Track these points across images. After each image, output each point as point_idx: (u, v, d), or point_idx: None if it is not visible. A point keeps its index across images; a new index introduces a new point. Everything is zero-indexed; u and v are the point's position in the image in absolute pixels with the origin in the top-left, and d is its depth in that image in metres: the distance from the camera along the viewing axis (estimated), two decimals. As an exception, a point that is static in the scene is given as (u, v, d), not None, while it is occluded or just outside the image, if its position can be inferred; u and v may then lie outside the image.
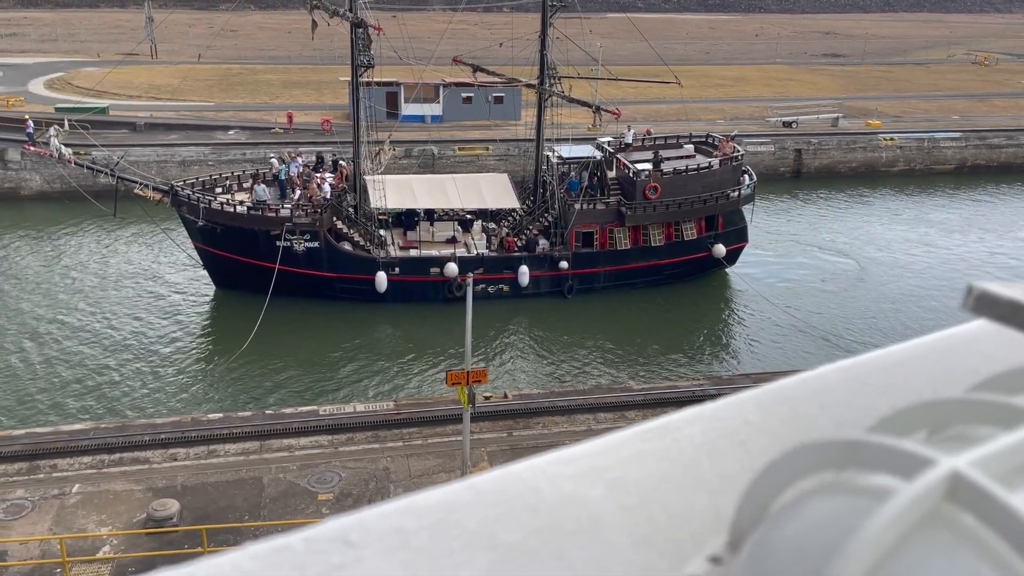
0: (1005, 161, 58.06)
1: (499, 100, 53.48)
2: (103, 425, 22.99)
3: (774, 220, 47.39)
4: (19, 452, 21.18)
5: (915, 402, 0.63)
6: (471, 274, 22.11)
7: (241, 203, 32.51)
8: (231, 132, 54.12)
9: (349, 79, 51.06)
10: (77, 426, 22.95)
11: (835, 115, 61.13)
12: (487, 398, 23.99)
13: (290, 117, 54.36)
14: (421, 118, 56.22)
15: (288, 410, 24.14)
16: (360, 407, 24.22)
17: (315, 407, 24.42)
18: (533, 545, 0.78)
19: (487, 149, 49.97)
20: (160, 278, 36.61)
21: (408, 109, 56.25)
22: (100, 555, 17.73)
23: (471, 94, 55.30)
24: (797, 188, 53.78)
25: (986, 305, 0.78)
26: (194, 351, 30.76)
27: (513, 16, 48.22)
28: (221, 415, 23.52)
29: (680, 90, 39.92)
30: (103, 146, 47.68)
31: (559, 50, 35.82)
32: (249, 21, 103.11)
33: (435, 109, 56.97)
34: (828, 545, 0.51)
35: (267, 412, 23.87)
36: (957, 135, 58.61)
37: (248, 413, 23.85)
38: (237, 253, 32.79)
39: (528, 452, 0.94)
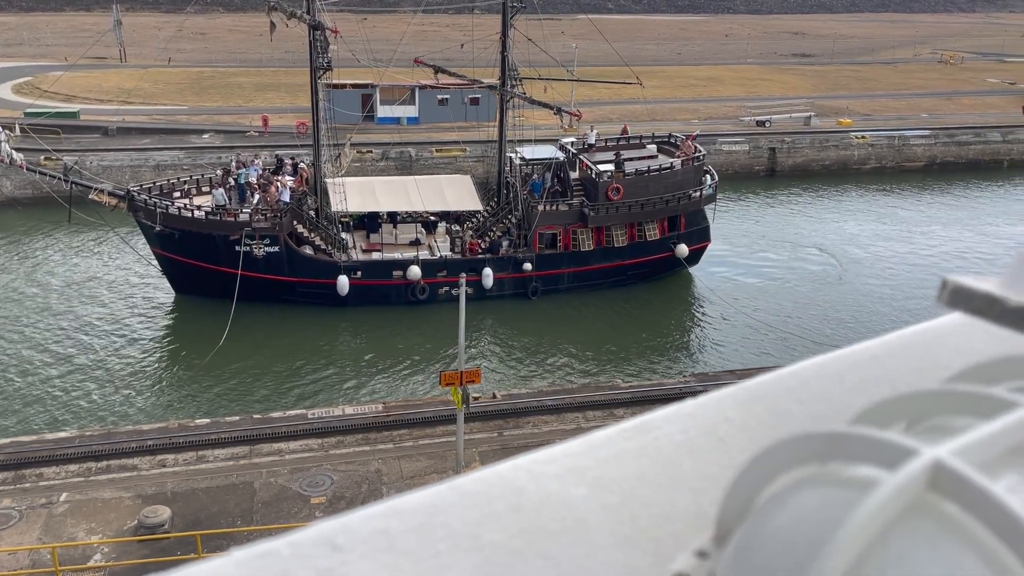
0: (973, 158, 59.04)
1: (475, 101, 53.43)
2: (88, 433, 22.75)
3: (748, 218, 47.86)
4: (3, 461, 20.86)
5: (894, 394, 0.63)
6: (463, 274, 22.11)
7: (199, 208, 32.15)
8: (205, 136, 53.62)
9: (324, 83, 51.07)
10: (62, 434, 22.70)
11: (807, 114, 61.82)
12: (475, 399, 23.99)
13: (265, 120, 53.97)
14: (396, 120, 56.12)
15: (276, 414, 24.01)
16: (349, 410, 24.17)
17: (303, 410, 24.32)
18: (518, 545, 0.79)
19: (464, 150, 49.96)
20: (118, 284, 36.15)
21: (384, 111, 56.18)
22: (92, 564, 17.53)
23: (447, 96, 55.27)
24: (772, 186, 54.33)
25: (961, 299, 0.79)
26: (158, 358, 30.40)
27: (483, 18, 48.30)
28: (208, 421, 23.34)
29: (655, 91, 40.16)
30: (70, 151, 47.09)
31: (527, 52, 35.90)
32: (218, 24, 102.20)
33: (411, 111, 56.90)
34: (814, 537, 0.52)
35: (255, 416, 23.72)
36: (926, 133, 59.53)
37: (236, 418, 23.67)
38: (196, 258, 32.45)
39: (519, 451, 0.95)
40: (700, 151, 37.59)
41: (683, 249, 36.27)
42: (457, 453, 20.47)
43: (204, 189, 34.29)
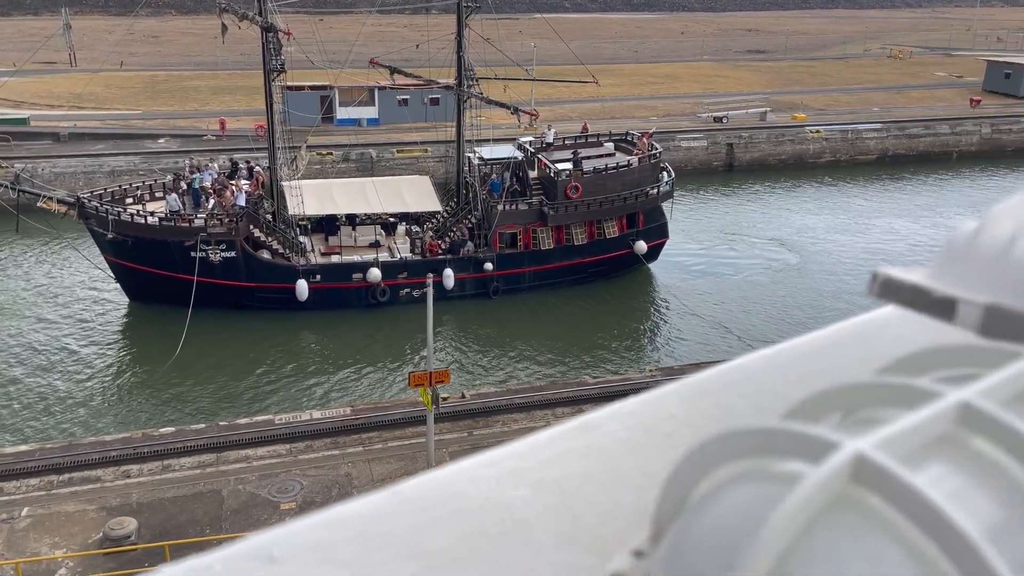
0: (924, 150, 60.34)
1: (435, 102, 53.35)
2: (49, 445, 22.28)
3: (707, 214, 48.42)
4: (-39, 477, 20.36)
5: (825, 388, 0.63)
6: (431, 275, 22.09)
7: (152, 214, 31.68)
8: (161, 140, 52.81)
9: (280, 85, 50.63)
10: (21, 447, 22.20)
11: (763, 109, 62.68)
12: (444, 399, 23.99)
13: (222, 123, 53.31)
14: (356, 121, 55.81)
15: (243, 420, 23.76)
16: (317, 414, 24.03)
17: (270, 416, 24.10)
18: (460, 551, 0.78)
19: (426, 151, 49.87)
20: (71, 294, 35.42)
21: (343, 113, 55.83)
22: (57, 577, 17.19)
23: (407, 96, 55.11)
24: (730, 181, 55.02)
25: (891, 291, 0.80)
26: (117, 368, 29.84)
27: (440, 18, 48.26)
28: (173, 429, 23.02)
29: (613, 89, 40.51)
30: (21, 158, 46.04)
31: (484, 52, 35.97)
32: (171, 26, 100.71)
33: (370, 112, 56.62)
34: (741, 533, 0.52)
35: (221, 423, 23.45)
36: (878, 126, 60.70)
37: (201, 425, 23.38)
38: (150, 265, 31.95)
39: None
40: (656, 148, 37.91)
41: (642, 246, 36.53)
42: (428, 454, 20.48)
43: (157, 195, 33.76)
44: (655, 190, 36.67)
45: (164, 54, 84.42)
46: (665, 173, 37.60)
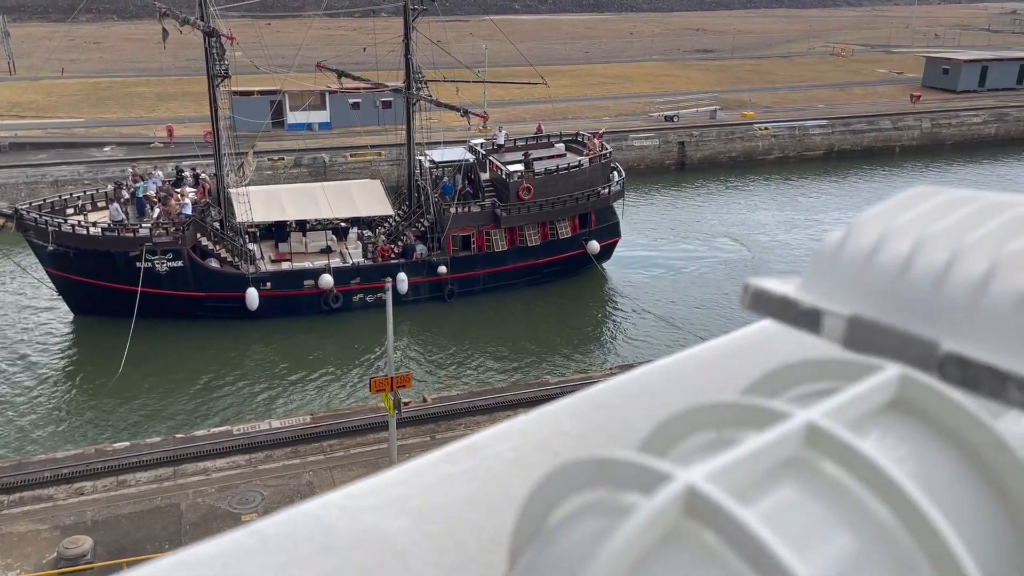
0: (868, 145, 61.72)
1: (388, 105, 53.10)
2: (-3, 464, 21.64)
3: (660, 212, 48.94)
4: (-93, 500, 19.71)
5: (680, 410, 0.61)
6: (389, 279, 21.99)
7: (95, 224, 30.97)
8: (106, 149, 51.68)
9: (228, 90, 49.95)
10: (-31, 468, 21.52)
11: (713, 108, 63.55)
12: (406, 404, 23.88)
13: (170, 130, 52.37)
14: (308, 126, 55.31)
15: (200, 432, 23.39)
16: (276, 423, 23.77)
17: (228, 427, 23.76)
18: None
19: (380, 154, 49.56)
20: (10, 308, 34.41)
21: (294, 117, 55.28)
22: (10, 600, 16.74)
23: (359, 100, 54.75)
24: (682, 180, 55.66)
25: (761, 303, 0.79)
26: (64, 383, 29.07)
27: (390, 21, 48.06)
28: (128, 444, 22.57)
29: (565, 89, 40.76)
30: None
31: (434, 54, 35.89)
32: (113, 32, 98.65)
33: (322, 116, 56.13)
34: (575, 568, 0.50)
35: (177, 436, 23.05)
36: (824, 123, 61.93)
37: (157, 439, 22.95)
38: (94, 277, 31.18)
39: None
40: (607, 148, 38.16)
41: (595, 246, 36.75)
42: (391, 460, 20.38)
43: (100, 204, 32.95)
44: (606, 190, 36.92)
45: (106, 60, 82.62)
46: (616, 173, 37.89)
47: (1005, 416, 0.65)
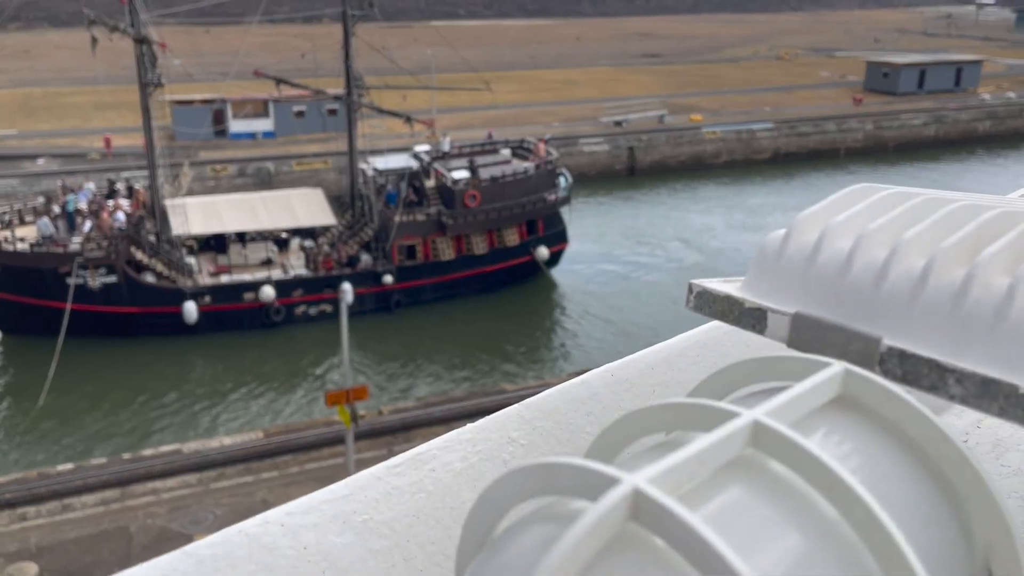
0: (814, 147, 62.65)
1: (333, 112, 52.25)
2: (-66, 492, 20.45)
3: (611, 217, 48.90)
4: None
5: (630, 411, 0.60)
6: (343, 288, 21.34)
7: (22, 240, 29.78)
8: (40, 161, 49.87)
9: (169, 99, 48.64)
10: (-102, 497, 20.28)
11: (661, 112, 63.87)
12: (362, 416, 23.20)
13: (107, 141, 50.74)
14: (252, 135, 54.10)
15: (147, 452, 22.47)
16: (227, 440, 22.99)
17: (177, 445, 22.84)
18: None
19: (326, 163, 48.60)
20: None
21: (237, 126, 54.01)
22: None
23: (303, 108, 53.77)
24: (632, 185, 55.77)
25: (705, 303, 0.79)
26: None
27: (333, 27, 47.29)
28: (72, 466, 21.60)
29: (513, 95, 40.57)
30: None
31: (377, 60, 35.33)
32: (44, 41, 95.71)
33: (266, 124, 54.93)
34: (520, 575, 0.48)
35: (124, 456, 22.07)
36: (770, 126, 62.71)
37: (103, 460, 21.98)
38: (22, 294, 29.98)
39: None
40: (552, 154, 37.91)
41: (543, 252, 36.43)
42: (349, 474, 19.64)
43: (28, 219, 31.67)
44: (553, 196, 36.64)
45: (38, 69, 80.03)
46: (563, 178, 37.64)
47: (947, 411, 0.66)
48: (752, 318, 0.73)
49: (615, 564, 0.46)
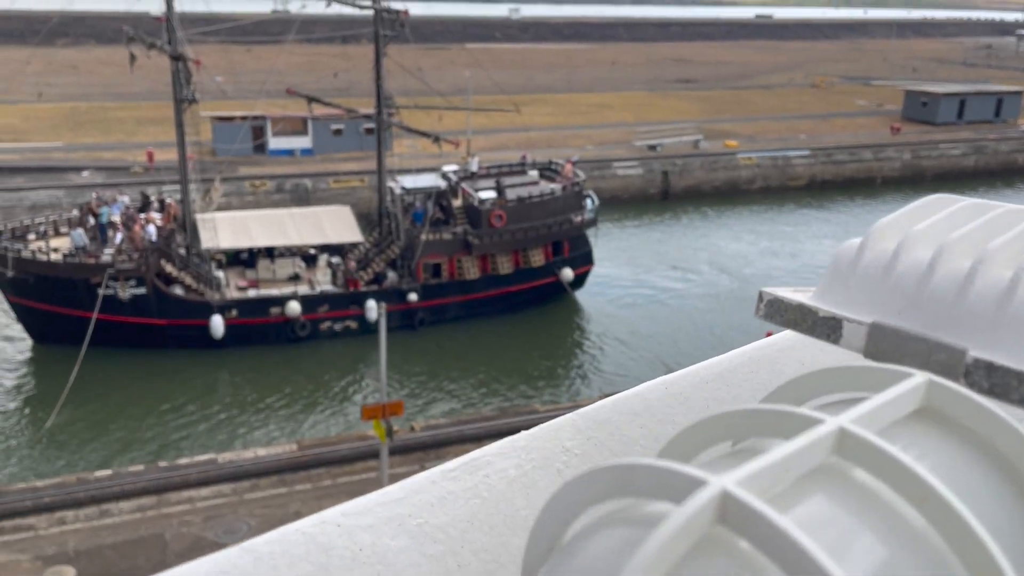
0: (850, 175, 62.22)
1: (370, 131, 52.92)
2: (-25, 494, 20.86)
3: (644, 241, 48.85)
4: None
5: (705, 417, 0.59)
6: (383, 304, 21.55)
7: (56, 251, 30.37)
8: (84, 173, 50.94)
9: (210, 115, 49.57)
10: (-56, 497, 20.71)
11: (696, 137, 63.86)
12: (395, 432, 23.34)
13: (150, 155, 51.73)
14: (290, 152, 54.86)
15: (183, 460, 22.74)
16: (262, 452, 23.20)
17: (213, 455, 23.11)
18: None
19: (363, 181, 49.15)
20: None
21: (276, 143, 54.83)
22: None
23: (341, 126, 54.46)
24: (666, 209, 55.72)
25: (776, 312, 0.78)
26: (27, 413, 28.23)
27: (371, 48, 48.03)
28: (110, 472, 21.92)
29: (548, 118, 40.79)
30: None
31: (411, 81, 35.77)
32: (91, 56, 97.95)
33: (304, 142, 55.68)
34: None
35: (161, 464, 22.36)
36: (806, 153, 62.40)
37: (140, 467, 22.28)
38: (55, 304, 30.49)
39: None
40: (580, 175, 37.93)
41: (568, 274, 36.36)
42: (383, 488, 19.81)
43: (63, 230, 32.34)
44: (579, 217, 36.63)
45: (84, 84, 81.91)
46: (589, 200, 37.63)
47: None
48: (827, 327, 0.71)
49: (701, 568, 0.45)
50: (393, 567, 0.76)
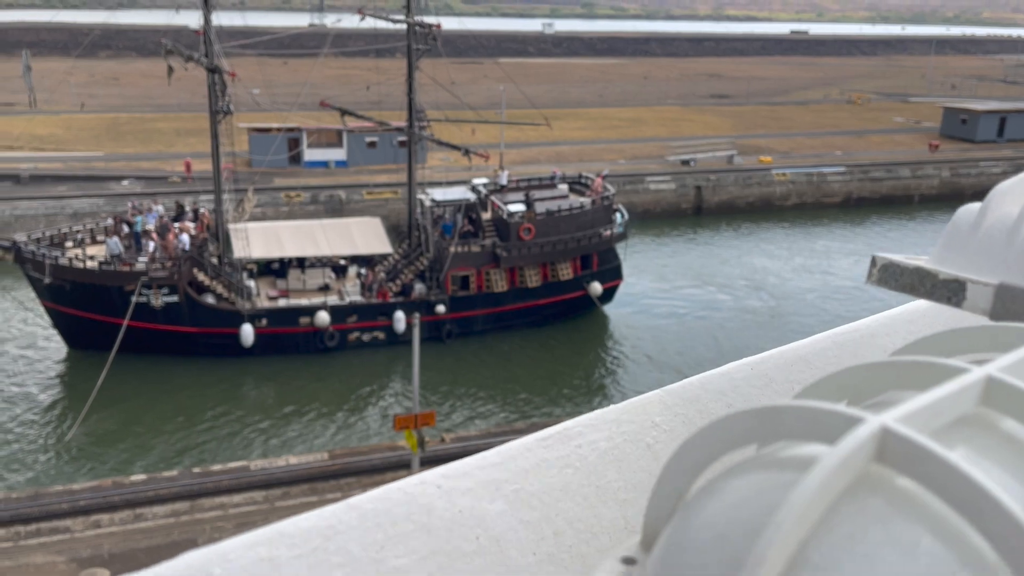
0: (887, 193, 61.46)
1: (403, 144, 53.34)
2: (15, 495, 21.24)
3: (676, 256, 48.60)
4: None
5: (839, 370, 0.57)
6: (417, 314, 21.64)
7: (92, 258, 30.90)
8: (125, 182, 51.87)
9: (246, 127, 50.27)
10: (-16, 498, 21.10)
11: (730, 152, 63.52)
12: (425, 442, 23.37)
13: (188, 165, 52.54)
14: (325, 163, 55.44)
15: (216, 467, 22.95)
16: (293, 460, 23.34)
17: (245, 462, 23.32)
18: (427, 570, 0.73)
19: (396, 193, 49.49)
20: (5, 342, 33.93)
21: (311, 154, 55.45)
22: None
23: (375, 139, 54.94)
24: (699, 224, 55.41)
25: (891, 276, 0.77)
26: (65, 415, 28.54)
27: (404, 62, 48.51)
28: (145, 476, 22.19)
29: (581, 132, 40.81)
30: None
31: (443, 94, 36.04)
32: (132, 69, 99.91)
33: (339, 154, 56.26)
34: (750, 526, 0.46)
35: (194, 470, 22.61)
36: (842, 170, 61.75)
37: (174, 472, 22.55)
38: (90, 311, 31.00)
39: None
40: (610, 190, 37.84)
41: (596, 288, 36.21)
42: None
43: (99, 238, 32.93)
44: (608, 231, 36.50)
45: (125, 96, 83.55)
46: (619, 215, 37.50)
47: None
48: (948, 290, 0.70)
49: (859, 507, 0.43)
50: (491, 531, 0.77)
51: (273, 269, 34.59)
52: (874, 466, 0.45)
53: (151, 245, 31.78)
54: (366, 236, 34.92)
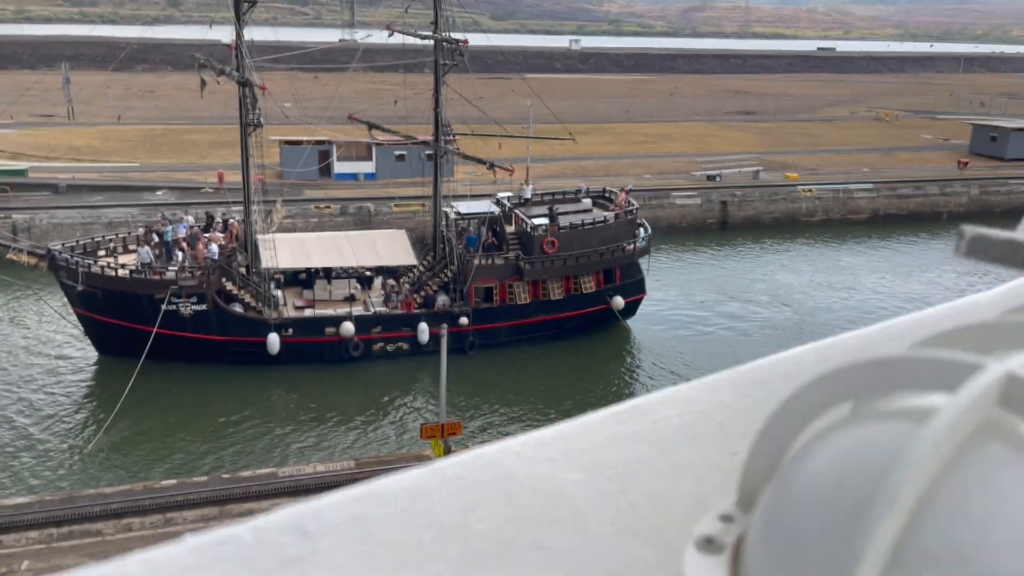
0: (914, 210, 61.10)
1: (431, 157, 53.97)
2: (48, 498, 21.80)
3: (702, 271, 48.68)
4: (-42, 530, 19.84)
5: (946, 329, 0.56)
6: (445, 325, 22.04)
7: (123, 266, 31.62)
8: (159, 192, 52.93)
9: (278, 139, 51.16)
10: (20, 499, 21.70)
11: (756, 168, 63.55)
12: (451, 452, 23.70)
13: (220, 176, 53.46)
14: (355, 176, 56.22)
15: (246, 473, 23.40)
16: (320, 467, 23.70)
17: (273, 469, 23.74)
18: (509, 535, 0.74)
19: (423, 205, 50.06)
20: (36, 347, 34.73)
21: (341, 167, 56.29)
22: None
23: (404, 152, 55.64)
24: (724, 239, 55.46)
25: (980, 248, 0.77)
26: (88, 421, 29.16)
27: (430, 76, 49.22)
28: (175, 481, 22.65)
29: (607, 147, 41.13)
30: (19, 208, 46.07)
31: (469, 109, 36.60)
32: (167, 82, 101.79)
33: (368, 167, 57.03)
34: (872, 471, 0.45)
35: (224, 476, 23.06)
36: (869, 186, 61.52)
37: (204, 478, 23.01)
38: (120, 318, 31.64)
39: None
40: (633, 204, 38.08)
41: (619, 302, 36.38)
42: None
43: (131, 247, 33.68)
44: (632, 245, 36.70)
45: (161, 108, 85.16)
46: (642, 229, 37.69)
47: None
48: None
49: (986, 453, 0.43)
50: (570, 499, 0.79)
51: (300, 279, 35.16)
52: (998, 411, 0.43)
53: (180, 255, 32.42)
54: (391, 248, 35.43)
